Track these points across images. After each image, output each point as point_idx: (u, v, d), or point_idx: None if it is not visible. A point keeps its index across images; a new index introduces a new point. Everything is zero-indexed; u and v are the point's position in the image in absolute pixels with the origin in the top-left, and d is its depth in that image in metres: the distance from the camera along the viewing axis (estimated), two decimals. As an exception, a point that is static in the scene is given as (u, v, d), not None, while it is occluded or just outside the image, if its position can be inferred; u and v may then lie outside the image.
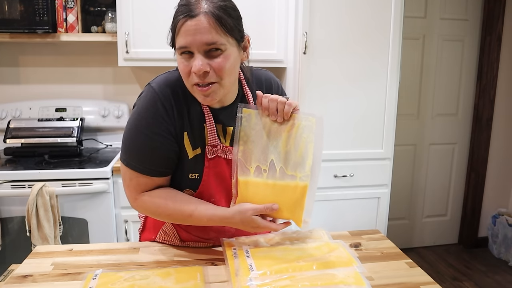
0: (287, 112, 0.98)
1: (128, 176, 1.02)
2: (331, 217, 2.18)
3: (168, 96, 0.97)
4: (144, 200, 1.02)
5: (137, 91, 2.51)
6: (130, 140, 1.00)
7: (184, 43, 0.90)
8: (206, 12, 0.89)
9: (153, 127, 0.97)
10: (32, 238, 1.85)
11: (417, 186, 3.02)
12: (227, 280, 0.93)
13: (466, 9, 2.83)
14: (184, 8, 0.90)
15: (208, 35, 0.89)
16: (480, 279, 2.67)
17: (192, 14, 0.89)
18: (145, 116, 0.98)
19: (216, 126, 1.04)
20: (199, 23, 0.88)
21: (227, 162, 1.04)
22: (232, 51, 0.94)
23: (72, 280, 0.94)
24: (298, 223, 1.01)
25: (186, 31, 0.89)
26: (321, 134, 0.99)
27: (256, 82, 1.12)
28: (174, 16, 0.93)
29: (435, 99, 2.91)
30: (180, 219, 1.02)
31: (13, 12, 2.03)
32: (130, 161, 1.00)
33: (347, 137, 2.14)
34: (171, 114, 0.98)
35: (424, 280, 0.96)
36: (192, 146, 1.02)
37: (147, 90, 0.99)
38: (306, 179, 0.98)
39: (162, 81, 1.00)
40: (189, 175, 1.03)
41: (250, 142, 1.00)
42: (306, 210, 0.99)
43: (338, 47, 2.05)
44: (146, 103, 0.98)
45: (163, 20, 2.11)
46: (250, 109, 1.01)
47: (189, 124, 1.01)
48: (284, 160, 1.00)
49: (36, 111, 2.33)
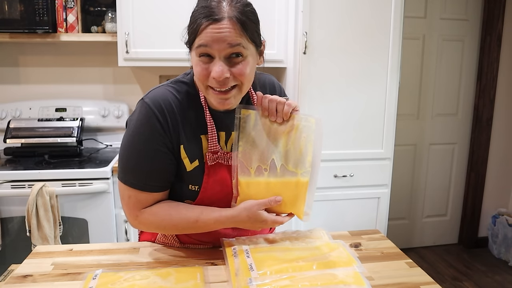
0: (287, 113, 0.99)
1: (127, 194, 0.99)
2: (331, 217, 2.18)
3: (163, 111, 0.96)
4: (146, 217, 1.00)
5: (137, 91, 2.51)
6: (127, 157, 0.98)
7: (205, 46, 0.88)
8: (231, 17, 0.87)
9: (150, 143, 0.96)
10: (32, 238, 1.85)
11: (417, 186, 3.02)
12: (227, 280, 0.93)
13: (466, 9, 2.83)
14: (206, 10, 0.88)
15: (232, 41, 0.87)
16: (480, 279, 2.67)
17: (216, 17, 0.86)
18: (141, 132, 0.96)
19: (219, 134, 1.03)
20: (223, 28, 0.86)
21: (228, 169, 1.03)
22: (251, 57, 0.93)
23: (72, 280, 0.94)
24: (300, 215, 1.02)
25: (209, 35, 0.87)
26: (320, 135, 1.00)
27: (260, 86, 1.12)
28: (194, 17, 0.90)
29: (435, 99, 2.91)
30: (186, 228, 1.00)
31: (13, 12, 2.03)
32: (128, 179, 0.98)
33: (347, 137, 2.14)
34: (167, 129, 0.96)
35: (424, 280, 0.96)
36: (189, 159, 1.00)
37: (141, 106, 0.97)
38: (307, 175, 0.99)
39: (156, 96, 0.97)
40: (189, 186, 1.02)
41: (250, 143, 1.01)
42: (307, 203, 1.01)
43: (338, 47, 2.05)
44: (141, 119, 0.96)
45: (163, 20, 2.13)
46: (249, 110, 1.01)
47: (185, 137, 0.99)
48: (285, 159, 1.01)
49: (36, 111, 2.33)
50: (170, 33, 2.07)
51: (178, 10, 2.08)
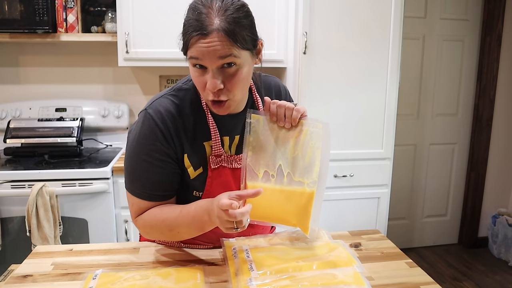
0: (295, 118, 0.98)
1: (131, 202, 1.02)
2: (331, 217, 2.18)
3: (165, 122, 0.96)
4: (141, 218, 1.02)
5: (137, 91, 2.51)
6: (131, 167, 0.99)
7: (197, 59, 0.88)
8: (219, 29, 0.85)
9: (153, 153, 0.96)
10: (32, 238, 1.85)
11: (417, 186, 3.02)
12: (227, 280, 0.93)
13: (466, 9, 2.83)
14: (196, 23, 0.86)
15: (221, 53, 0.86)
16: (480, 279, 2.67)
17: (205, 32, 0.85)
18: (144, 143, 0.97)
19: (223, 139, 1.03)
20: (212, 42, 0.85)
21: (232, 171, 1.03)
22: (245, 63, 0.92)
23: (72, 280, 0.94)
24: (305, 230, 1.01)
25: (199, 49, 0.86)
26: (328, 140, 1.00)
27: (265, 89, 1.12)
28: (185, 28, 0.89)
29: (435, 99, 2.91)
30: (174, 223, 0.98)
31: (13, 12, 2.03)
32: (134, 189, 1.00)
33: (347, 137, 2.14)
34: (170, 139, 0.97)
35: (424, 280, 0.96)
36: (193, 167, 1.01)
37: (144, 116, 0.98)
38: (313, 185, 0.98)
39: (158, 107, 0.98)
40: (193, 193, 1.04)
41: (259, 147, 1.00)
42: (313, 218, 0.99)
43: (338, 47, 2.05)
44: (144, 130, 0.97)
45: (163, 20, 2.12)
46: (258, 115, 1.01)
47: (188, 145, 1.00)
48: (292, 166, 1.00)
49: (36, 111, 2.33)
50: (170, 33, 2.05)
51: (178, 10, 2.06)
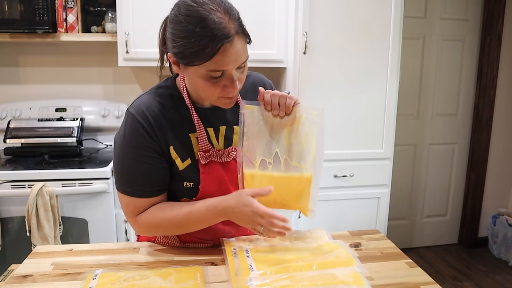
0: (289, 106, 1.00)
1: (125, 202, 1.03)
2: (331, 217, 2.18)
3: (147, 118, 0.98)
4: (144, 218, 1.02)
5: (137, 91, 2.51)
6: (120, 167, 1.01)
7: (224, 67, 0.88)
8: (238, 32, 0.87)
9: (139, 150, 0.99)
10: (32, 238, 1.85)
11: (417, 186, 3.02)
12: (227, 280, 0.93)
13: (466, 9, 2.83)
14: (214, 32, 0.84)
15: (244, 56, 0.91)
16: (480, 279, 2.67)
17: (230, 38, 0.85)
18: (129, 142, 0.99)
19: (208, 131, 1.04)
20: (236, 45, 0.87)
21: (223, 166, 1.05)
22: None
23: (72, 280, 0.94)
24: (305, 212, 1.02)
25: (225, 58, 0.86)
26: (323, 126, 1.01)
27: (249, 85, 1.12)
28: (197, 39, 0.84)
29: (435, 99, 2.91)
30: (182, 222, 1.01)
31: (13, 12, 2.03)
32: (125, 188, 1.01)
33: (347, 137, 2.14)
34: (153, 134, 0.99)
35: (424, 280, 0.96)
36: (181, 159, 1.02)
37: (127, 117, 1.00)
38: (311, 169, 1.00)
39: (139, 104, 1.01)
40: (183, 183, 1.04)
41: (254, 137, 1.02)
42: (312, 199, 1.01)
43: (338, 47, 2.05)
44: (128, 129, 0.99)
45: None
46: (252, 105, 1.02)
47: (173, 137, 1.01)
48: (288, 152, 1.02)
49: (36, 111, 2.33)
50: (170, 33, 2.07)
51: (178, 10, 2.08)
